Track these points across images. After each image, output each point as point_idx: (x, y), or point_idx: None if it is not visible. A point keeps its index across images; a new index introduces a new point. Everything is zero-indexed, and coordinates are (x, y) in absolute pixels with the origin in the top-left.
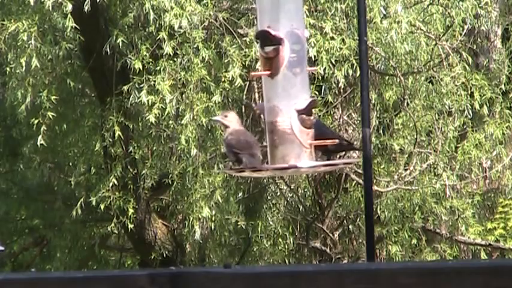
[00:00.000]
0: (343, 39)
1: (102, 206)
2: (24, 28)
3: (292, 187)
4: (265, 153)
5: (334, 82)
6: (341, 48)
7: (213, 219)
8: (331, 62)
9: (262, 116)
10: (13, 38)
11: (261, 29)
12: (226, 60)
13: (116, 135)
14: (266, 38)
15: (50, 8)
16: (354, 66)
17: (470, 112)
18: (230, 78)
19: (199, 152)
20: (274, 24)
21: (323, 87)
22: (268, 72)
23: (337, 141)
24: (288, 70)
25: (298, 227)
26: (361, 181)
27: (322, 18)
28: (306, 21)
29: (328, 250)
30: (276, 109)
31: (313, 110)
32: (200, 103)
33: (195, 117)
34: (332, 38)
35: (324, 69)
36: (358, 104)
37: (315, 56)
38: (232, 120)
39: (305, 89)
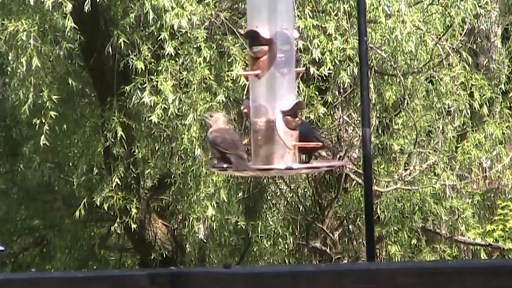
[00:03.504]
0: (346, 40)
1: (105, 206)
2: (24, 28)
3: (292, 187)
4: (249, 151)
5: (341, 82)
6: (344, 49)
7: (213, 219)
8: (335, 62)
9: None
10: (13, 38)
11: (250, 28)
12: (229, 60)
13: (119, 135)
14: (255, 38)
15: (50, 8)
16: (357, 66)
17: (469, 112)
18: (233, 78)
19: (201, 151)
20: (264, 24)
21: (330, 87)
22: (256, 72)
23: (320, 144)
24: (275, 70)
25: (298, 227)
26: (361, 181)
27: (325, 18)
28: (309, 22)
29: (328, 250)
30: (261, 109)
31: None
32: (203, 103)
33: (198, 117)
34: (335, 39)
35: (329, 69)
36: (358, 104)
37: (319, 57)
38: (217, 120)
39: (292, 90)
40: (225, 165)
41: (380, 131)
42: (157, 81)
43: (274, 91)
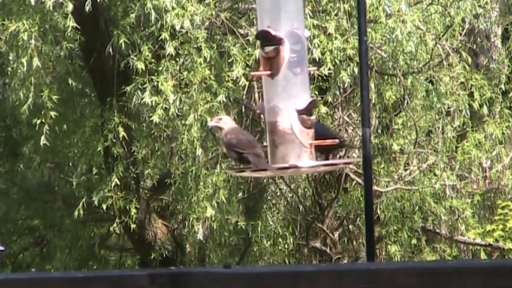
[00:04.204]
0: (346, 39)
1: (104, 206)
2: (24, 28)
3: (292, 187)
4: (265, 153)
5: (341, 82)
6: (344, 49)
7: (213, 219)
8: (335, 62)
9: (262, 116)
10: (14, 38)
11: (261, 28)
12: (230, 60)
13: (121, 135)
14: (266, 38)
15: (51, 8)
16: (357, 66)
17: (468, 112)
18: (234, 78)
19: (201, 152)
20: (275, 24)
21: (330, 87)
22: (269, 72)
23: (337, 141)
24: (288, 70)
25: (298, 227)
26: (361, 181)
27: (325, 18)
28: (309, 22)
29: (328, 250)
30: (276, 109)
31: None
32: (203, 103)
33: (199, 117)
34: (335, 38)
35: (329, 69)
36: (358, 104)
37: (319, 57)
38: (227, 122)
39: (305, 89)
40: (241, 166)
41: (380, 131)
42: (157, 82)
43: (287, 91)
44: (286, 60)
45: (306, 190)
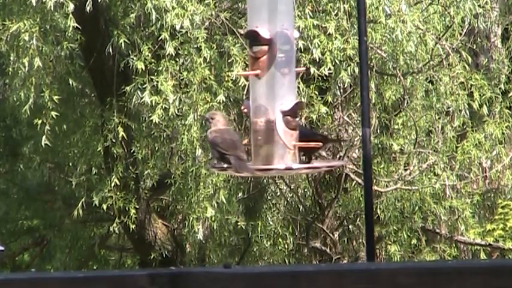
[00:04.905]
0: (346, 39)
1: (104, 206)
2: (25, 28)
3: (292, 187)
4: (249, 151)
5: (341, 82)
6: (344, 49)
7: (213, 219)
8: (335, 62)
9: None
10: (15, 38)
11: (250, 28)
12: (229, 60)
13: (120, 135)
14: (255, 38)
15: (52, 8)
16: (357, 66)
17: (468, 112)
18: (234, 78)
19: (201, 152)
20: (264, 24)
21: (330, 87)
22: (256, 72)
23: (321, 144)
24: (276, 70)
25: (298, 227)
26: (361, 181)
27: (325, 18)
28: (309, 22)
29: (328, 250)
30: (261, 109)
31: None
32: (203, 103)
33: (199, 117)
34: (336, 38)
35: (329, 69)
36: (358, 104)
37: (319, 57)
38: (218, 121)
39: (292, 90)
40: (224, 166)
41: (380, 131)
42: (157, 82)
43: (274, 91)
44: (274, 61)
45: (306, 190)
